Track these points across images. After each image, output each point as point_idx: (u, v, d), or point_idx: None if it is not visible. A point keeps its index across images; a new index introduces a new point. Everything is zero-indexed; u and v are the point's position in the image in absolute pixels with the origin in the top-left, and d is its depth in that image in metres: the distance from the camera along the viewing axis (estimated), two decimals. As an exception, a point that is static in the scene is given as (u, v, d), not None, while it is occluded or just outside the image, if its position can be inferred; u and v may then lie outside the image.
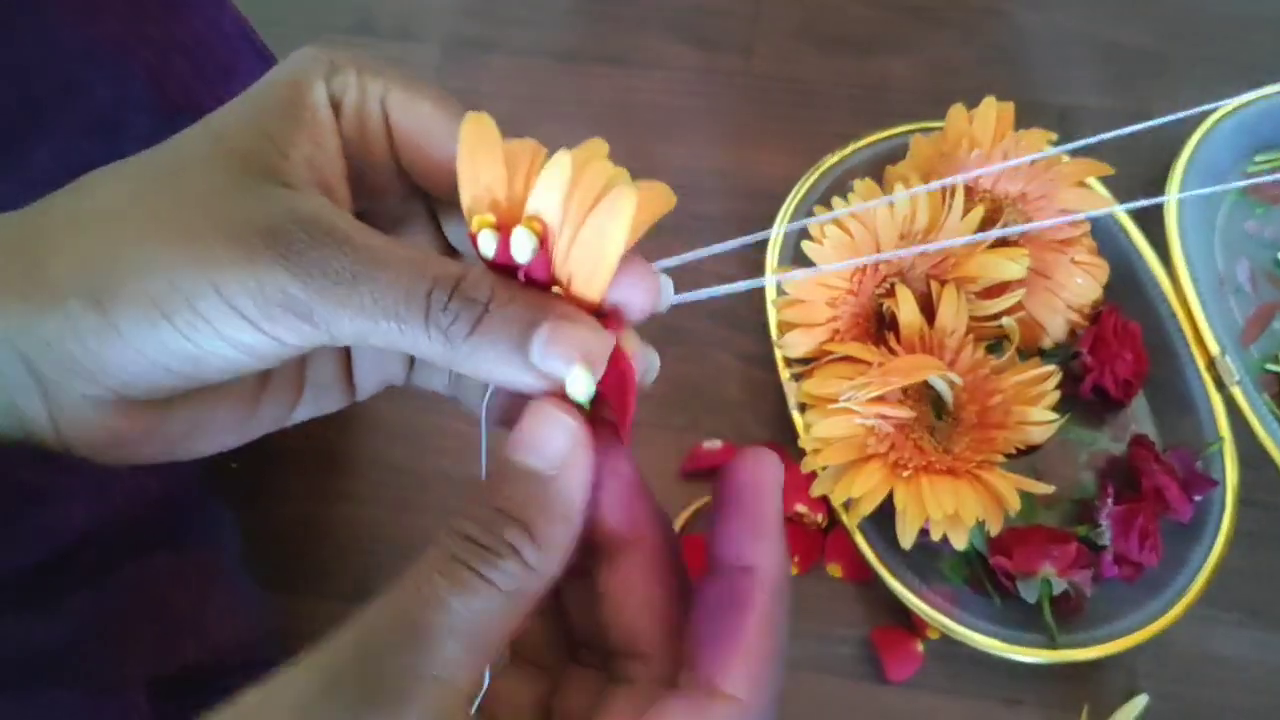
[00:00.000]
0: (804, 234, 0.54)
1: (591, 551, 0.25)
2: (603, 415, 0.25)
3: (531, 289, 0.23)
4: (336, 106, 0.26)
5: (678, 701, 0.23)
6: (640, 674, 0.24)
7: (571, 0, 0.72)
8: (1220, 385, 0.55)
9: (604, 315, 0.24)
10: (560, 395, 0.23)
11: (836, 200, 0.54)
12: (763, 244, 0.59)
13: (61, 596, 0.40)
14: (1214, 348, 0.55)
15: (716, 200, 0.64)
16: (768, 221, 0.60)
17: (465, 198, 0.23)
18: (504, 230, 0.23)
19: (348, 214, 0.24)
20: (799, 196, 0.60)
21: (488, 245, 0.23)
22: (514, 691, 0.26)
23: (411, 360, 0.30)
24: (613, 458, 0.25)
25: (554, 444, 0.23)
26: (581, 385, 0.23)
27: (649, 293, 0.24)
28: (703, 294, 0.26)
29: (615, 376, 0.24)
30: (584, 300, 0.23)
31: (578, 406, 0.23)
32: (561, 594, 0.27)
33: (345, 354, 0.30)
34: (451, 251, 0.30)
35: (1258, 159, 0.63)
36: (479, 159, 0.23)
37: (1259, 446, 0.54)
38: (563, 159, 0.22)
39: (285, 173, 0.24)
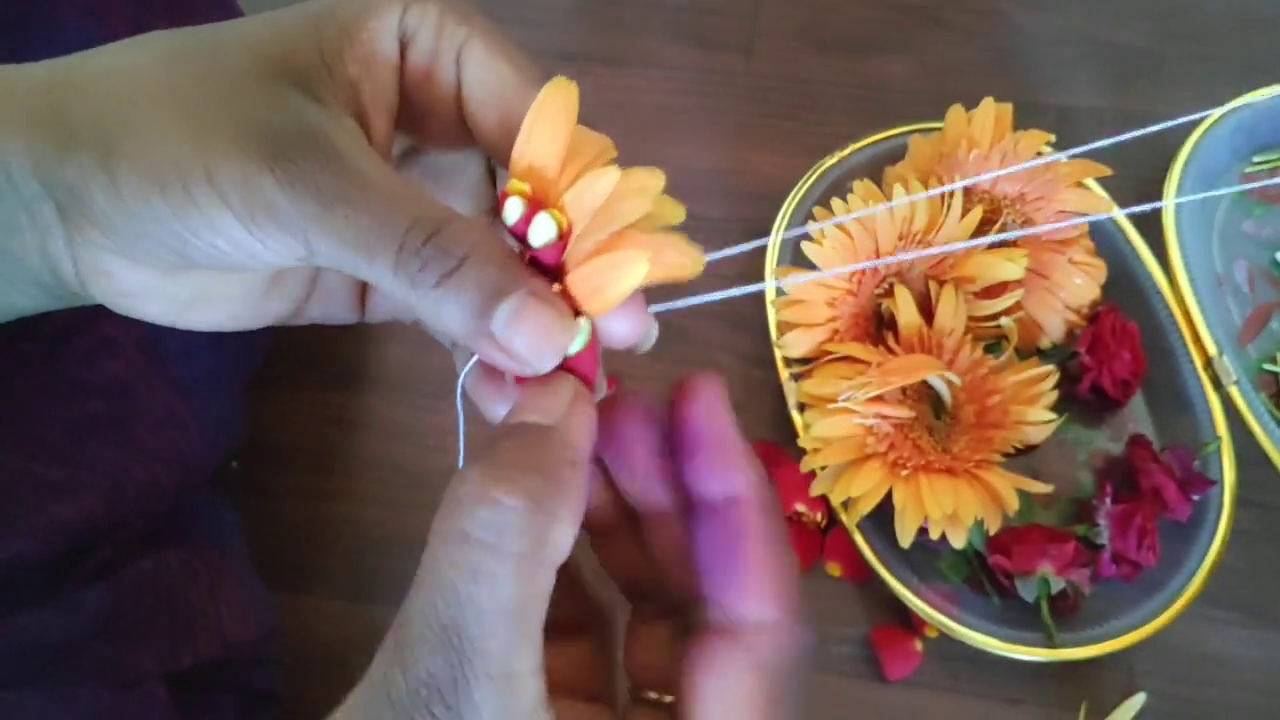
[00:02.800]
0: (804, 234, 0.55)
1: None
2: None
3: (520, 261, 0.23)
4: (406, 41, 0.25)
5: (723, 644, 0.23)
6: (707, 616, 0.24)
7: (572, 0, 0.72)
8: (1218, 385, 0.55)
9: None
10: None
11: (836, 202, 0.54)
12: (762, 244, 0.59)
13: (78, 592, 0.40)
14: (1212, 348, 0.55)
15: (716, 200, 0.64)
16: (767, 222, 0.60)
17: (515, 157, 0.23)
18: (533, 205, 0.22)
19: (362, 141, 0.23)
20: (798, 197, 0.60)
21: (513, 211, 0.22)
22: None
23: None
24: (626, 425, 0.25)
25: (557, 400, 0.23)
26: (581, 338, 0.23)
27: (634, 335, 0.24)
28: (701, 299, 0.26)
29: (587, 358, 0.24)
30: (575, 301, 0.23)
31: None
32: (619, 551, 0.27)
33: None
34: (496, 211, 0.29)
35: (1256, 159, 0.63)
36: (546, 127, 0.22)
37: (1257, 446, 0.54)
38: (611, 175, 0.22)
39: (320, 85, 0.24)
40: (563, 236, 0.22)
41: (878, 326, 0.55)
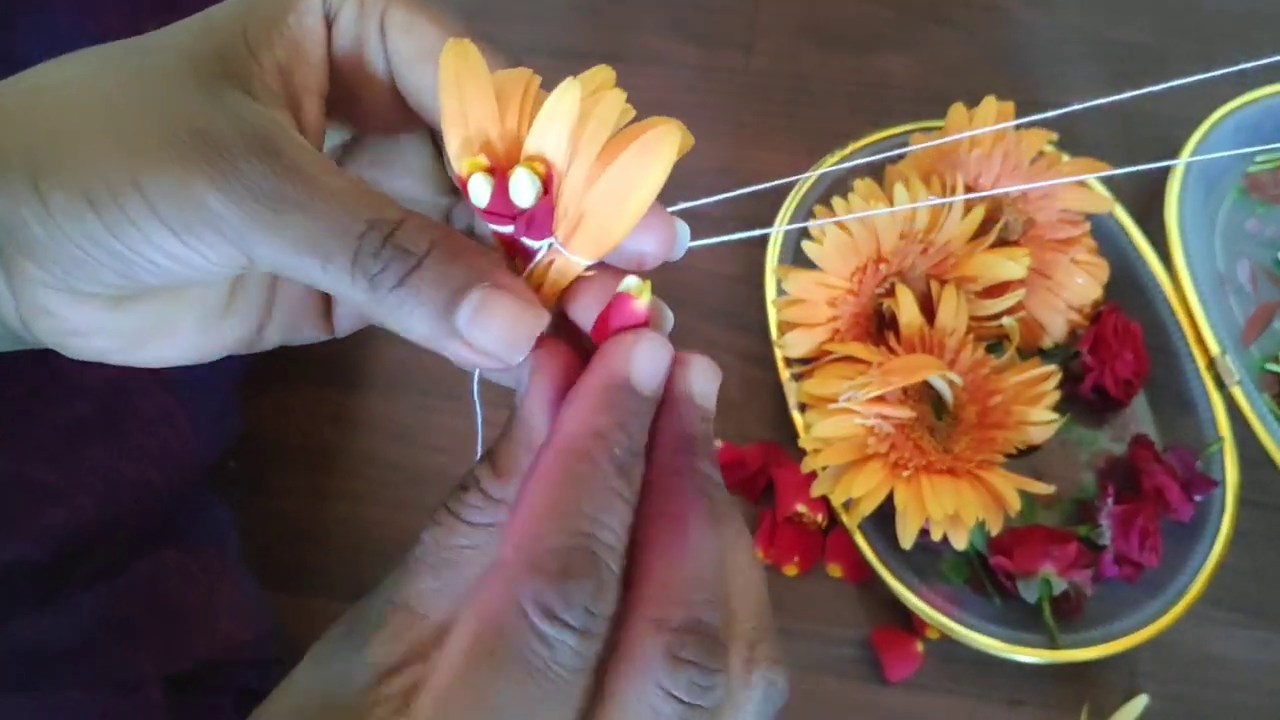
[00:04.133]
0: (804, 232, 0.54)
1: None
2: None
3: (474, 250, 0.22)
4: (331, 19, 0.24)
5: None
6: None
7: (570, -2, 0.72)
8: (1220, 385, 0.55)
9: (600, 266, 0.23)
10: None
11: (837, 200, 0.54)
12: (763, 241, 0.59)
13: (74, 596, 0.40)
14: (1214, 347, 0.55)
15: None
16: (767, 221, 0.60)
17: (452, 139, 0.21)
18: (499, 174, 0.21)
19: (299, 137, 0.22)
20: (799, 195, 0.60)
21: (480, 192, 0.21)
22: None
23: None
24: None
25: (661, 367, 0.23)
26: (644, 302, 0.22)
27: (665, 242, 0.23)
28: (712, 241, 0.25)
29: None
30: (584, 252, 0.22)
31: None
32: None
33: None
34: (454, 191, 0.28)
35: (1259, 159, 0.63)
36: (465, 92, 0.21)
37: (1259, 446, 0.54)
38: (570, 89, 0.20)
39: (251, 77, 0.23)
40: (547, 186, 0.21)
41: (879, 326, 0.55)
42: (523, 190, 0.20)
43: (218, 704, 0.45)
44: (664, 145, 0.20)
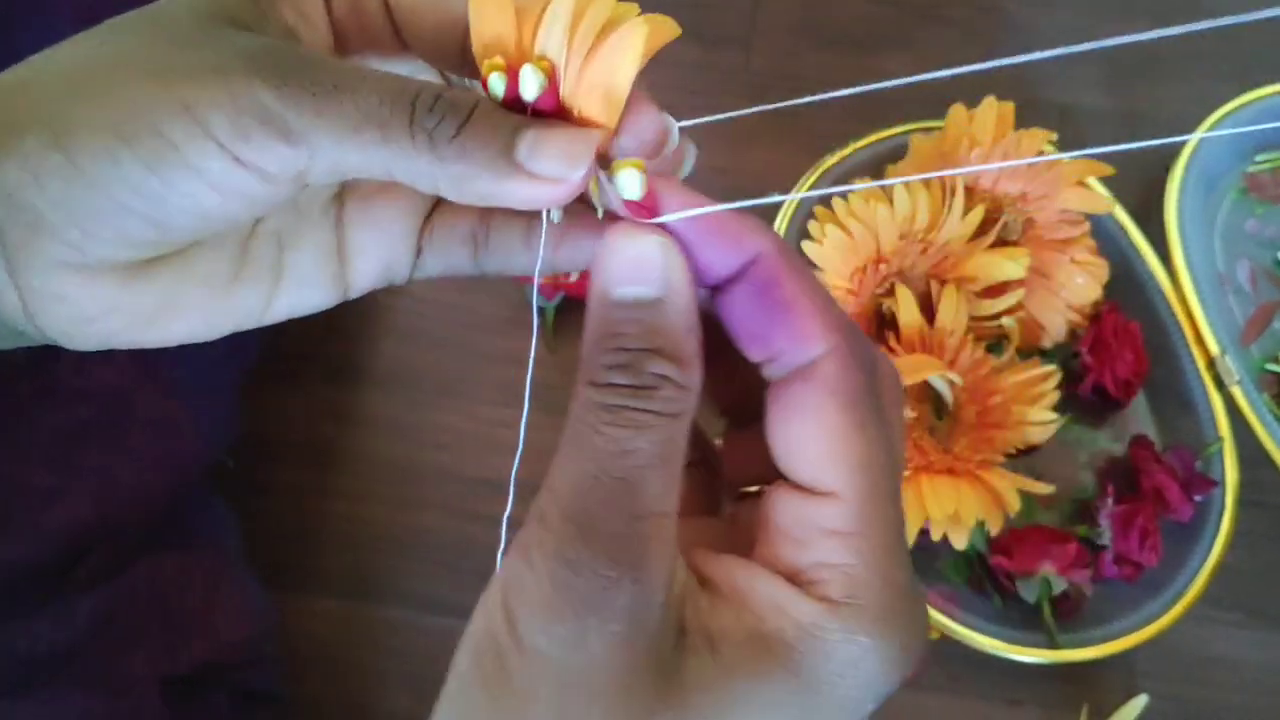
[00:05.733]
0: (804, 233, 0.54)
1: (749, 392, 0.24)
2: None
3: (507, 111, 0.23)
4: None
5: (790, 386, 0.22)
6: (774, 375, 0.23)
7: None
8: (1220, 385, 0.55)
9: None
10: (606, 215, 0.23)
11: (837, 201, 0.54)
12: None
13: (71, 598, 0.40)
14: (1214, 347, 0.55)
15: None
16: (767, 222, 0.60)
17: (476, 46, 0.23)
18: (512, 71, 0.23)
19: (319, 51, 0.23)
20: (800, 191, 0.60)
21: (497, 86, 0.23)
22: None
23: (419, 246, 0.28)
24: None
25: (651, 264, 0.23)
26: (634, 182, 0.22)
27: (655, 128, 0.24)
28: (720, 209, 0.25)
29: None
30: (587, 119, 0.23)
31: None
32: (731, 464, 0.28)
33: (333, 238, 0.27)
34: None
35: (1259, 158, 0.63)
36: (488, 11, 0.23)
37: (1259, 446, 0.54)
38: (562, 1, 0.23)
39: (257, 24, 0.23)
40: (551, 79, 0.23)
41: (879, 326, 0.55)
42: (529, 85, 0.23)
43: (217, 705, 0.45)
44: (631, 38, 0.22)
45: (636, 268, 0.22)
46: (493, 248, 0.27)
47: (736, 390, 0.26)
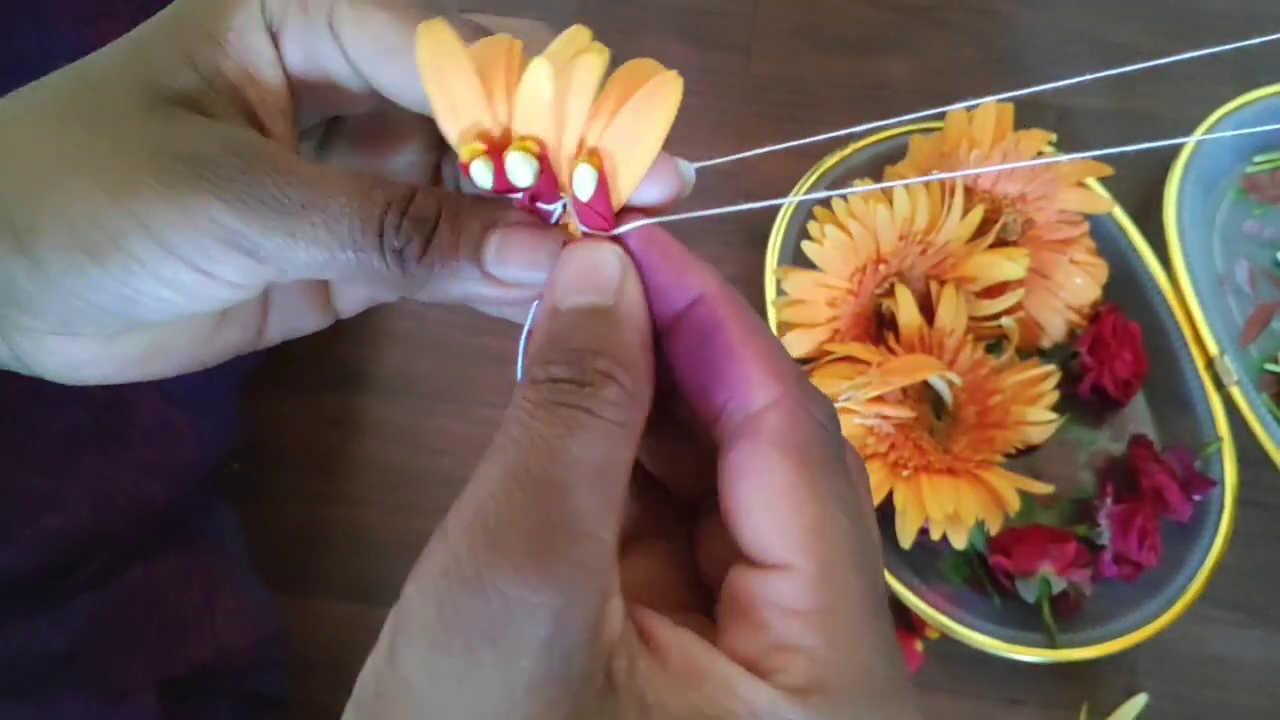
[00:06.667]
0: (803, 233, 0.54)
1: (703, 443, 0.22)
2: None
3: (475, 202, 0.22)
4: (276, 31, 0.23)
5: (738, 442, 0.20)
6: (721, 431, 0.21)
7: (570, 0, 0.72)
8: (1219, 385, 0.55)
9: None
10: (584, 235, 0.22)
11: (837, 202, 0.54)
12: (763, 242, 0.59)
13: (68, 601, 0.40)
14: (1213, 348, 0.55)
15: (715, 201, 0.63)
16: (767, 223, 0.60)
17: (445, 128, 0.21)
18: (497, 155, 0.21)
19: (274, 142, 0.22)
20: (799, 197, 0.60)
21: (483, 176, 0.21)
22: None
23: None
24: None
25: (604, 272, 0.21)
26: (587, 181, 0.21)
27: (676, 183, 0.22)
28: (724, 210, 0.25)
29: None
30: (599, 205, 0.22)
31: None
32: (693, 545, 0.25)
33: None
34: (440, 146, 0.27)
35: (1257, 159, 0.63)
36: (448, 80, 0.20)
37: (1258, 446, 0.54)
38: (539, 70, 0.20)
39: (209, 102, 0.22)
40: (543, 162, 0.21)
41: (878, 326, 0.55)
42: (520, 172, 0.21)
43: (216, 708, 0.45)
44: (662, 95, 0.20)
45: (589, 276, 0.21)
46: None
47: (704, 471, 0.23)
